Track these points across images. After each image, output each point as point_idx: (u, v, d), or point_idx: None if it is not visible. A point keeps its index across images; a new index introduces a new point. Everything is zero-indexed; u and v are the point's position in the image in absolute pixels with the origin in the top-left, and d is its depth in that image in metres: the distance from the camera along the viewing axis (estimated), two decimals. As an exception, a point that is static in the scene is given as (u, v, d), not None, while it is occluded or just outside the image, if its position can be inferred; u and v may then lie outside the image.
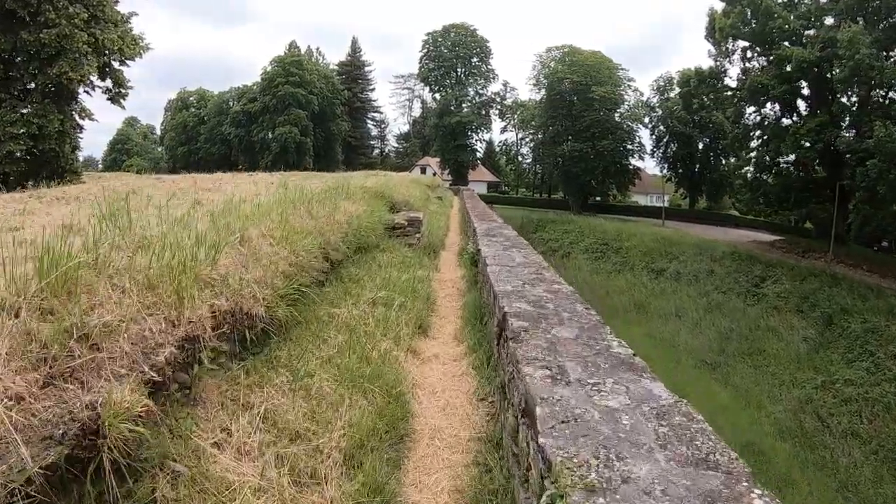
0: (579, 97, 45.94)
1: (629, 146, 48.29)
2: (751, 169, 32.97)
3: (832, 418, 16.65)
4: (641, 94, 50.70)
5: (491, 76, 59.28)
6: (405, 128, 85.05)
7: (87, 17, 20.34)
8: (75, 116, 22.47)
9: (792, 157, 29.41)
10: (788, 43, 27.81)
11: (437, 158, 60.89)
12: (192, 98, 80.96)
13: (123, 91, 23.93)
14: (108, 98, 23.82)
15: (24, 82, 20.52)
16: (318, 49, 78.68)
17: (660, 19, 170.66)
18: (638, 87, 51.27)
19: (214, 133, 73.86)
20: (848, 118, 26.77)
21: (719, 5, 31.35)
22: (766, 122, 31.10)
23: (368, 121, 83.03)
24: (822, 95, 27.71)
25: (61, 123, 20.66)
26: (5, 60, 20.23)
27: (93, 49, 20.78)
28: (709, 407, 16.31)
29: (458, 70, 58.40)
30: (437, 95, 59.65)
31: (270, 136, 64.69)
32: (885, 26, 24.19)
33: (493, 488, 2.92)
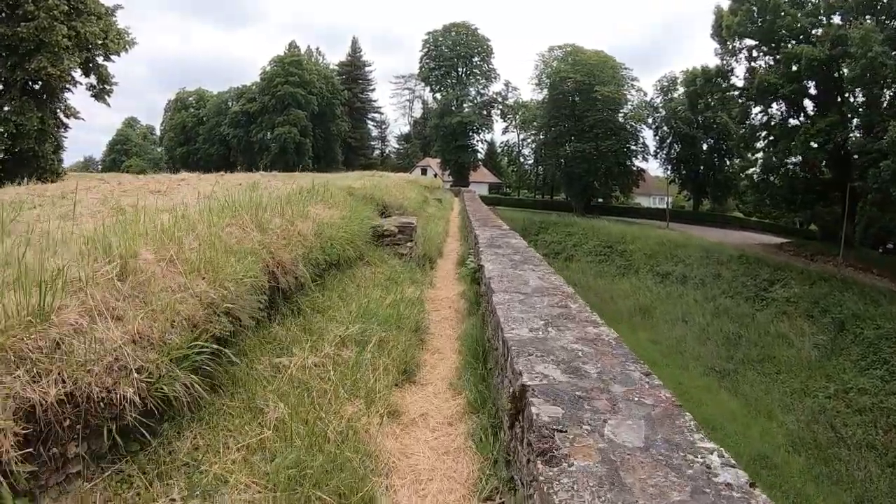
0: (582, 97, 45.39)
1: (632, 147, 47.79)
2: (757, 170, 32.55)
3: (846, 429, 16.07)
4: (645, 94, 50.29)
5: (492, 76, 58.72)
6: (406, 129, 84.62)
7: (68, 9, 19.49)
8: (59, 114, 21.67)
9: (798, 158, 28.95)
10: (796, 41, 27.48)
11: (438, 159, 60.29)
12: (191, 98, 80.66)
13: (108, 87, 23.14)
14: (91, 95, 23.01)
15: (2, 79, 19.71)
16: (317, 49, 78.46)
17: (660, 20, 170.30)
18: (641, 86, 50.90)
19: (213, 133, 73.43)
20: (858, 118, 26.29)
21: (726, 3, 31.07)
22: (772, 123, 30.75)
23: (369, 121, 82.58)
24: (830, 95, 27.36)
25: (41, 121, 19.82)
26: (-18, 56, 19.39)
27: (74, 43, 20.02)
28: (719, 417, 15.75)
29: (459, 69, 57.78)
30: (438, 95, 59.06)
31: (269, 136, 64.23)
32: (896, 24, 23.74)
33: None
